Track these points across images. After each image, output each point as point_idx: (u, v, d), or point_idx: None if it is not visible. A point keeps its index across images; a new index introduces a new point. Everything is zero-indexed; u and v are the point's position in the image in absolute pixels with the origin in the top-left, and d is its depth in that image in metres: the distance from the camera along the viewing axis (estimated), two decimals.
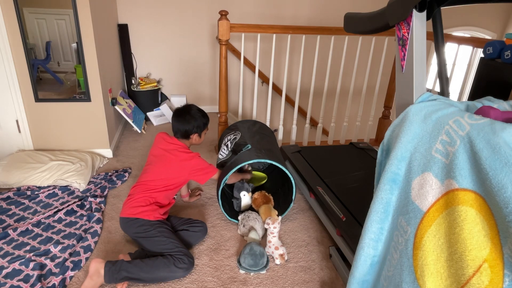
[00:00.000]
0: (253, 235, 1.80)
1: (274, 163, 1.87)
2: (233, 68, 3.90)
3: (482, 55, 1.65)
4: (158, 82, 3.73)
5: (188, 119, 1.82)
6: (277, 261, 1.70)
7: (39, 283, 1.47)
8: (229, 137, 2.31)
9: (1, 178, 2.20)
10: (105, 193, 2.22)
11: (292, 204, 2.00)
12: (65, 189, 2.23)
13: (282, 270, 1.68)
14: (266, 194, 2.03)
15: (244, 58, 3.63)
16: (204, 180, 1.84)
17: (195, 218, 1.99)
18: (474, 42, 2.53)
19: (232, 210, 2.07)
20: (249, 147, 2.04)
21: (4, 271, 1.53)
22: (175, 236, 1.67)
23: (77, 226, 1.89)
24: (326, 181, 2.04)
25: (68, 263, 1.60)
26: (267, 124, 2.95)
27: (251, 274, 1.64)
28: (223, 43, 2.51)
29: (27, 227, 1.83)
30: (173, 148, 1.81)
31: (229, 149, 2.20)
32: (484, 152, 0.82)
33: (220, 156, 2.26)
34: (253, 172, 2.40)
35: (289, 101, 4.13)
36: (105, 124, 2.62)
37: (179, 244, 1.62)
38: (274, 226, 1.71)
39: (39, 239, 1.77)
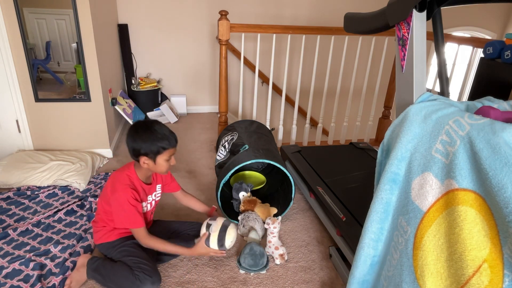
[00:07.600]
0: (253, 235, 1.80)
1: (271, 162, 1.87)
2: (233, 68, 3.90)
3: (482, 55, 1.65)
4: (158, 82, 3.73)
5: (142, 135, 1.42)
6: (277, 261, 1.70)
7: (39, 283, 1.47)
8: (226, 138, 2.31)
9: (1, 178, 2.20)
10: None
11: (291, 203, 2.00)
12: (65, 189, 2.23)
13: (282, 270, 1.68)
14: (250, 199, 1.98)
15: (244, 58, 3.63)
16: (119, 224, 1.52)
17: (194, 218, 1.99)
18: (474, 42, 2.53)
19: (232, 210, 2.07)
20: (246, 148, 2.04)
21: (4, 271, 1.53)
22: (139, 251, 1.52)
23: (77, 226, 1.89)
24: (326, 181, 2.04)
25: (68, 263, 1.60)
26: (267, 124, 2.95)
27: (251, 274, 1.64)
28: (223, 43, 2.51)
29: (27, 227, 1.83)
30: (112, 175, 1.54)
31: (227, 150, 2.20)
32: (484, 152, 0.82)
33: (218, 157, 2.27)
34: (253, 174, 2.40)
35: (289, 101, 4.13)
36: (105, 124, 2.62)
37: (142, 260, 1.47)
38: (274, 226, 1.71)
39: (39, 239, 1.77)
